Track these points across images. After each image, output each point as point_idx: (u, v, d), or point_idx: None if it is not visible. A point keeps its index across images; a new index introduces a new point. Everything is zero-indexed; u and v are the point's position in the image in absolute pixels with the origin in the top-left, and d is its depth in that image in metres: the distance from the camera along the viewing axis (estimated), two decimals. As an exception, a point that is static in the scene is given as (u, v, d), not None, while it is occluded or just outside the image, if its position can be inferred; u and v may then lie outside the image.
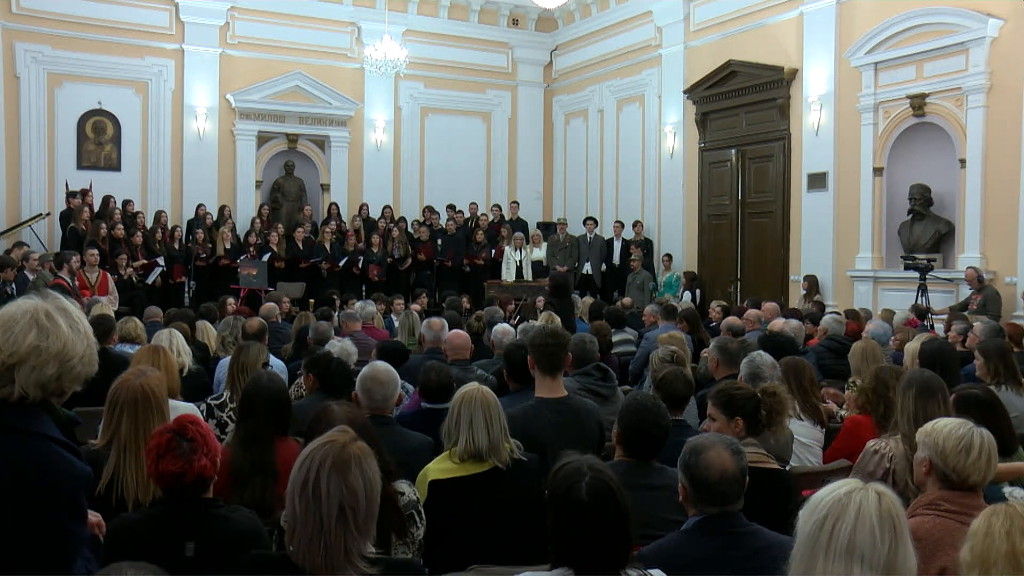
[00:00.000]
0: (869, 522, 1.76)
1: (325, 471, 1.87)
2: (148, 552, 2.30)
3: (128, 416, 2.93)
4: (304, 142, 15.13)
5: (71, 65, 13.26)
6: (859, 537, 1.75)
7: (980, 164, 9.58)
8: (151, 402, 2.98)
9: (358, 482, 1.88)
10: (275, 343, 6.96)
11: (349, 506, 1.85)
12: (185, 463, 2.33)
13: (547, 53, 16.87)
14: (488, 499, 3.05)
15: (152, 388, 3.01)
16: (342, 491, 1.85)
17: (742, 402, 3.32)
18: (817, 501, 1.83)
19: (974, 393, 3.46)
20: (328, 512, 1.84)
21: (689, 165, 13.64)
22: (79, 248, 10.59)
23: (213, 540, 2.36)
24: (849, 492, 1.80)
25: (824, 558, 1.76)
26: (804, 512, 1.84)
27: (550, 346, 3.81)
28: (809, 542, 1.80)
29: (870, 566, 1.75)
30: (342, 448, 1.91)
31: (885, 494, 1.82)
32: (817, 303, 10.18)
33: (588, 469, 2.07)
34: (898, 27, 10.31)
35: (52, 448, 1.92)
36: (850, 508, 1.78)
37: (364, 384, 3.60)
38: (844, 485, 1.84)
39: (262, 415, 3.25)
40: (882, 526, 1.77)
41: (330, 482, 1.86)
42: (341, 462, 1.88)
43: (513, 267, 13.45)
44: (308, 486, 1.86)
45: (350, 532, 1.85)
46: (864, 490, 1.81)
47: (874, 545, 1.76)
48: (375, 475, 1.93)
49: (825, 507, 1.80)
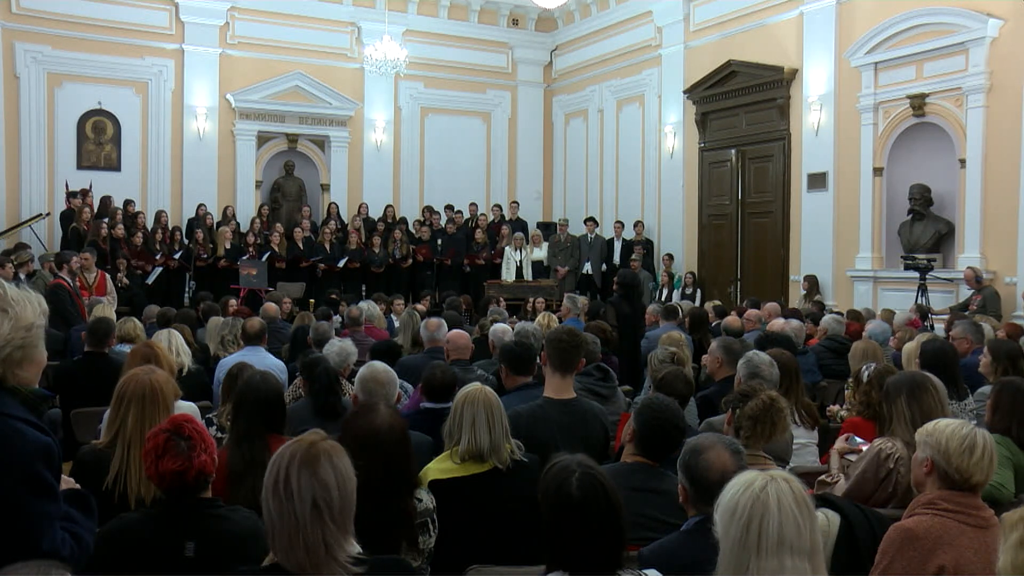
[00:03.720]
0: (791, 512, 1.82)
1: (295, 468, 1.86)
2: (148, 552, 2.31)
3: (135, 411, 2.93)
4: (304, 142, 15.13)
5: (71, 65, 13.26)
6: (786, 530, 1.81)
7: (980, 164, 9.58)
8: (159, 398, 2.99)
9: (329, 476, 1.87)
10: (275, 343, 6.96)
11: (323, 500, 1.85)
12: (185, 460, 2.33)
13: (547, 53, 16.87)
14: (488, 499, 3.05)
15: (161, 385, 3.02)
16: (313, 486, 1.85)
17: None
18: (733, 503, 1.87)
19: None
20: (301, 509, 1.83)
21: (689, 165, 13.64)
22: (79, 248, 10.59)
23: (213, 540, 2.35)
24: (763, 487, 1.85)
25: (756, 556, 1.81)
26: (723, 516, 1.88)
27: (566, 342, 3.84)
28: (737, 545, 1.84)
29: (799, 553, 1.81)
30: (310, 445, 1.91)
31: (791, 479, 1.90)
32: (817, 303, 10.19)
33: (578, 466, 2.08)
34: (898, 27, 10.30)
35: (4, 423, 1.87)
36: (771, 503, 1.83)
37: (364, 384, 3.60)
38: (752, 481, 1.88)
39: (255, 414, 3.27)
40: (801, 513, 1.83)
41: (300, 478, 1.85)
42: (310, 457, 1.88)
43: (513, 267, 13.47)
44: (279, 485, 1.86)
45: (327, 527, 1.85)
46: (774, 481, 1.86)
47: (799, 533, 1.82)
48: (347, 470, 1.93)
49: (746, 507, 1.84)
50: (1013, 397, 3.63)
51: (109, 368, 4.76)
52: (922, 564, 2.42)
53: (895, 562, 2.45)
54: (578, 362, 3.94)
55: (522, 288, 12.65)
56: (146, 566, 2.30)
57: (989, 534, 2.46)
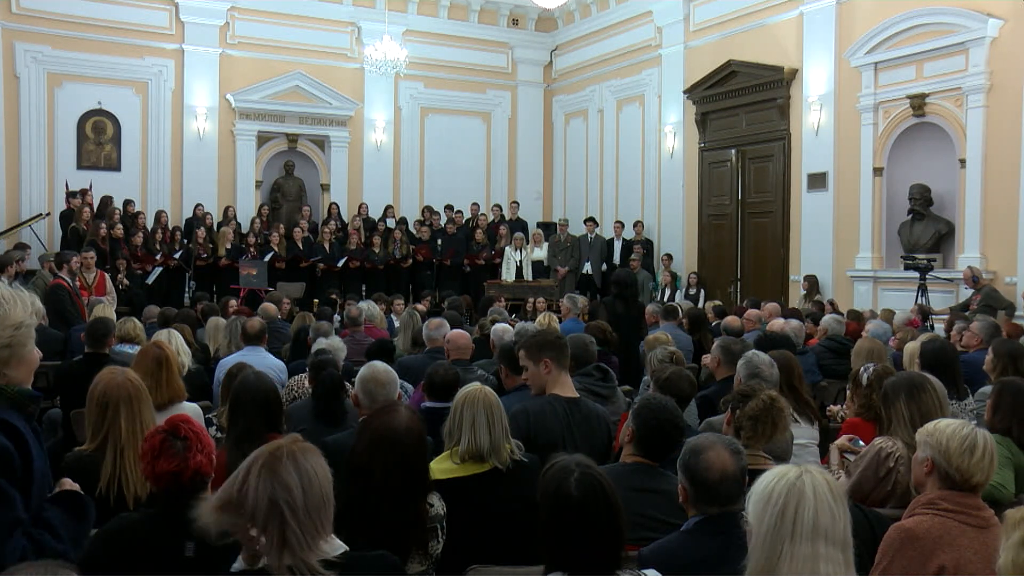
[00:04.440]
0: (827, 501, 1.86)
1: (255, 472, 1.87)
2: (148, 553, 2.31)
3: (126, 413, 2.93)
4: (304, 142, 15.13)
5: (71, 65, 13.26)
6: (822, 518, 1.85)
7: (980, 164, 9.58)
8: (143, 395, 3.01)
9: (291, 477, 1.87)
10: (275, 343, 6.96)
11: (282, 499, 1.84)
12: (181, 461, 2.34)
13: (547, 53, 16.87)
14: (488, 500, 3.05)
15: (139, 382, 3.04)
16: (272, 487, 1.85)
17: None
18: (768, 491, 1.90)
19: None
20: (255, 509, 1.84)
21: (689, 165, 13.64)
22: (79, 248, 10.58)
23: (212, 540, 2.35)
24: (799, 476, 1.89)
25: (790, 542, 1.84)
26: (757, 504, 1.91)
27: (561, 339, 3.90)
28: (771, 533, 1.86)
29: (833, 542, 1.85)
30: (276, 448, 1.92)
31: (826, 473, 1.95)
32: (817, 303, 10.19)
33: (577, 466, 2.08)
34: (898, 27, 10.30)
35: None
36: (807, 491, 1.86)
37: (365, 385, 3.60)
38: (787, 472, 1.92)
39: (252, 414, 3.28)
40: (836, 503, 1.88)
41: (259, 480, 1.85)
42: (273, 459, 1.89)
43: (513, 267, 13.47)
44: (235, 486, 1.87)
45: (289, 525, 1.84)
46: (809, 473, 1.90)
47: (834, 522, 1.86)
48: (318, 469, 1.92)
49: (781, 494, 1.87)
50: (1014, 397, 3.62)
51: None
52: (922, 564, 2.42)
53: (895, 562, 2.45)
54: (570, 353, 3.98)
55: (522, 288, 12.65)
56: (146, 566, 2.30)
57: (989, 534, 2.45)
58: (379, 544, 2.29)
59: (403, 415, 2.73)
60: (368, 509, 2.54)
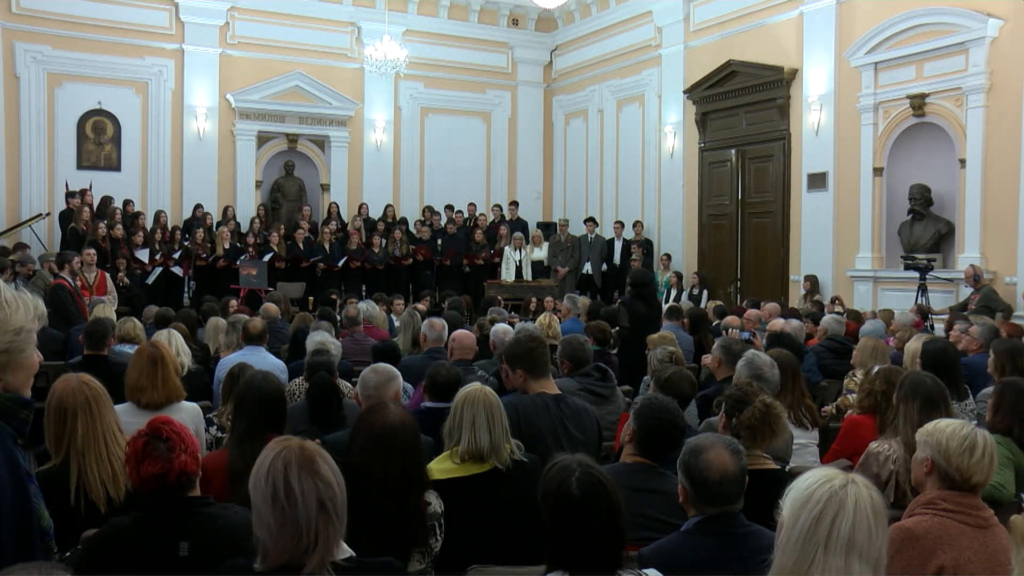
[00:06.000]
0: (866, 517, 1.77)
1: (294, 473, 1.84)
2: (142, 555, 2.31)
3: (83, 420, 2.91)
4: (304, 142, 15.13)
5: (71, 65, 13.26)
6: (858, 533, 1.76)
7: (980, 164, 9.58)
8: (101, 397, 2.99)
9: (329, 474, 1.87)
10: (275, 343, 6.96)
11: (328, 499, 1.85)
12: (165, 462, 2.34)
13: (547, 53, 16.87)
14: (488, 499, 3.05)
15: (97, 385, 3.01)
16: (317, 487, 1.84)
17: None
18: (808, 493, 1.81)
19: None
20: (307, 513, 1.82)
21: (689, 165, 13.64)
22: (79, 248, 10.58)
23: (206, 539, 2.35)
24: (844, 486, 1.80)
25: (823, 551, 1.76)
26: (794, 504, 1.83)
27: (535, 351, 3.81)
28: (804, 536, 1.79)
29: (866, 561, 1.76)
30: (300, 448, 1.90)
31: (872, 487, 1.84)
32: (817, 303, 10.19)
33: (578, 465, 2.08)
34: (898, 27, 10.30)
35: None
36: (848, 502, 1.78)
37: (366, 384, 3.60)
38: (832, 477, 1.83)
39: (256, 414, 3.27)
40: (876, 521, 1.78)
41: (302, 482, 1.84)
42: (306, 459, 1.87)
43: (513, 267, 13.47)
44: (280, 494, 1.83)
45: (332, 526, 1.85)
46: (855, 484, 1.82)
47: (871, 540, 1.77)
48: (336, 468, 1.93)
49: (821, 501, 1.79)
50: (1015, 398, 3.62)
51: (109, 370, 4.74)
52: (922, 564, 2.42)
53: (895, 562, 2.44)
54: (548, 361, 3.89)
55: (522, 288, 12.65)
56: (141, 569, 2.29)
57: (989, 534, 2.45)
58: (381, 541, 2.29)
59: (394, 411, 2.75)
60: (369, 507, 2.54)
